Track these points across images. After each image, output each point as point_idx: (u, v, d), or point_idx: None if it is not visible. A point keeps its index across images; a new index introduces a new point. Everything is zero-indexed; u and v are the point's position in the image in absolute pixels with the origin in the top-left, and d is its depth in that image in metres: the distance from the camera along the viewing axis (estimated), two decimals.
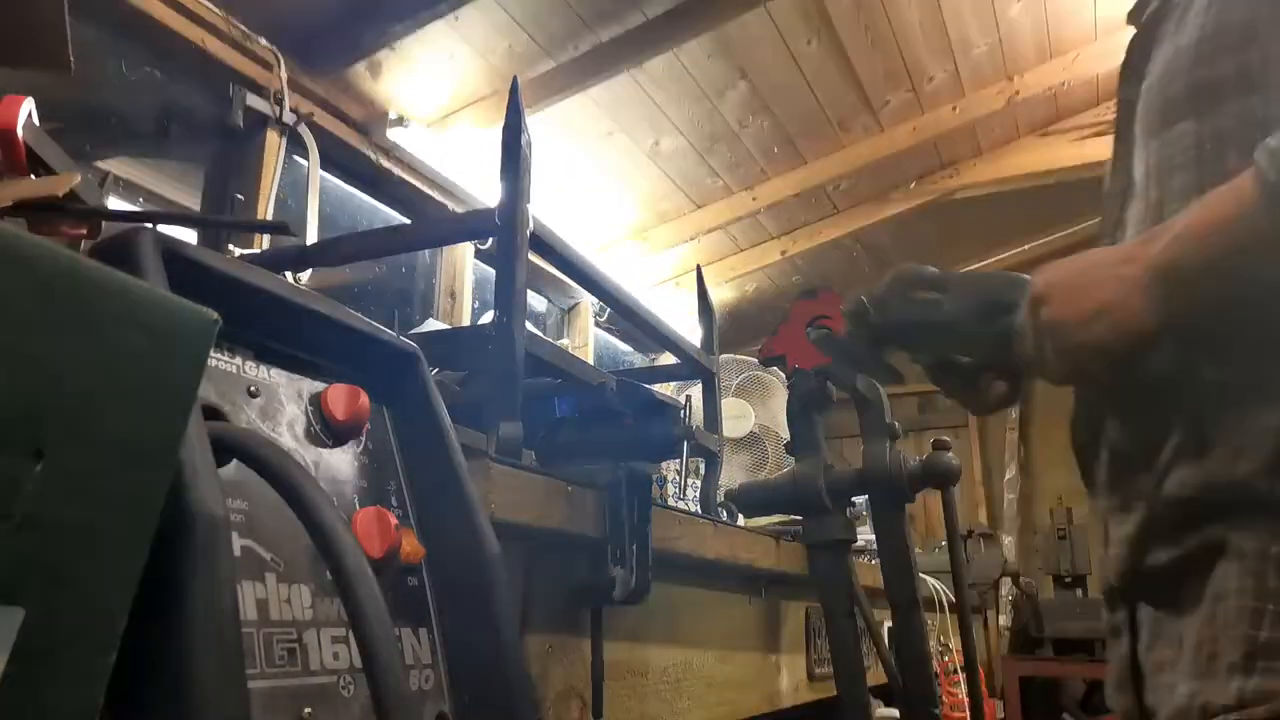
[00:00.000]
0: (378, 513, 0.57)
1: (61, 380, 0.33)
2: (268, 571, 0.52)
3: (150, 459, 0.37)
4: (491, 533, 0.67)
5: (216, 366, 0.55)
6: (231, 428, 0.51)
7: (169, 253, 0.51)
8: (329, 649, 0.54)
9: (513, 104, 1.08)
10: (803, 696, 1.65)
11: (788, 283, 4.36)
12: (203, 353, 0.39)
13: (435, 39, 2.60)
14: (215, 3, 2.24)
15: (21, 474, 0.31)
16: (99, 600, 0.35)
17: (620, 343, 4.17)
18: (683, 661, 1.29)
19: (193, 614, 0.41)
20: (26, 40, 0.85)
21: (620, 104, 3.07)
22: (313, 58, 2.52)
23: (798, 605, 1.70)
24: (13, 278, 0.31)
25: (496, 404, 0.95)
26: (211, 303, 0.39)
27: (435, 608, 0.64)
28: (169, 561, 0.41)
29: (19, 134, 0.66)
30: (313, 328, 0.62)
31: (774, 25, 2.93)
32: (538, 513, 0.92)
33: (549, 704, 0.98)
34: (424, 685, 0.61)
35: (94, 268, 0.35)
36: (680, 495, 1.96)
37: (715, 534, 1.30)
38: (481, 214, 1.22)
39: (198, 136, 2.38)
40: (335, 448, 0.61)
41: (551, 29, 2.72)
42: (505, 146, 1.07)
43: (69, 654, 0.34)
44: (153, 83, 2.22)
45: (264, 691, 0.49)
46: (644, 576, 1.02)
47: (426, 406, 0.68)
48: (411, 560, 0.62)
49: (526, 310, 1.04)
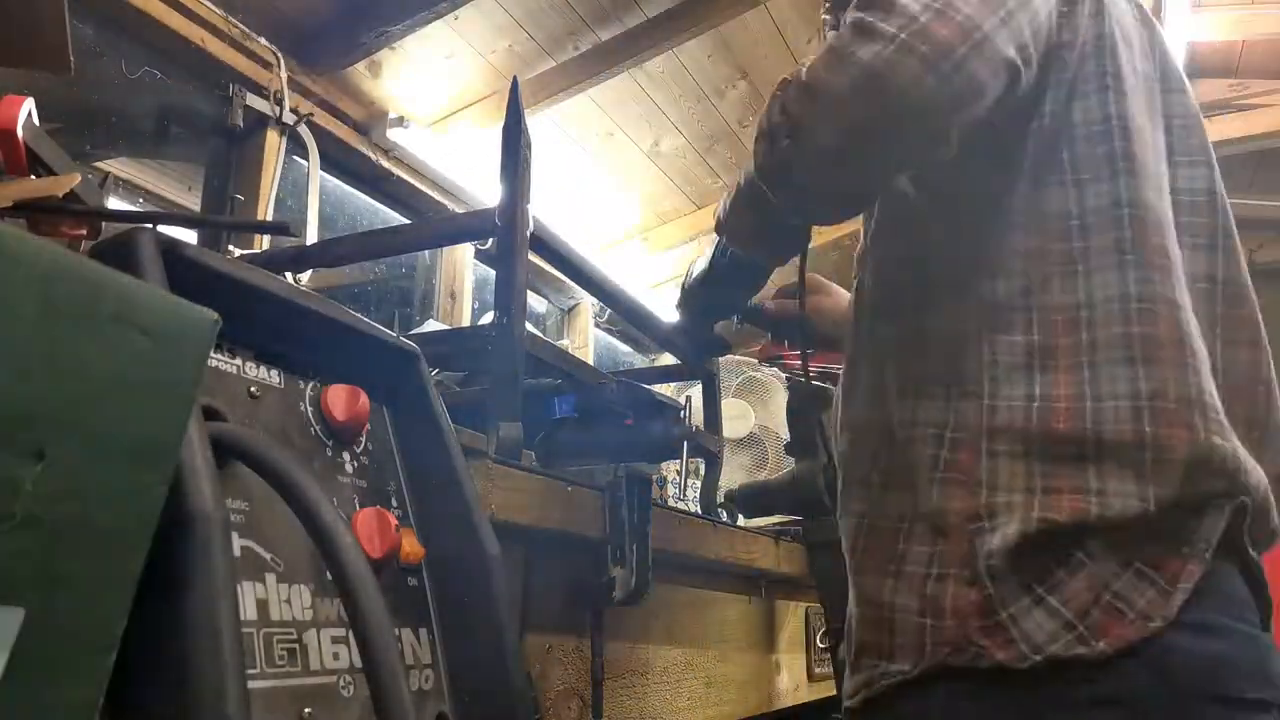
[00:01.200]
0: (378, 513, 0.57)
1: (61, 380, 0.33)
2: (268, 572, 0.52)
3: (150, 459, 0.37)
4: (491, 533, 0.67)
5: (217, 367, 0.55)
6: (232, 428, 0.51)
7: (169, 253, 0.51)
8: (329, 649, 0.54)
9: (513, 104, 1.08)
10: (803, 696, 1.65)
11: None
12: (203, 353, 0.39)
13: (435, 39, 2.60)
14: (215, 3, 2.24)
15: (21, 474, 0.31)
16: (99, 600, 0.35)
17: (620, 343, 4.17)
18: (683, 661, 1.29)
19: (193, 614, 0.41)
20: (26, 40, 0.85)
21: (620, 104, 3.07)
22: (313, 58, 2.52)
23: (798, 605, 1.70)
24: (13, 278, 0.31)
25: (496, 405, 0.95)
26: (211, 303, 0.39)
27: (435, 608, 0.64)
28: (169, 561, 0.41)
29: (19, 134, 0.66)
30: (313, 328, 0.62)
31: (774, 25, 2.93)
32: (538, 513, 0.92)
33: (549, 704, 0.98)
34: (424, 685, 0.61)
35: (94, 268, 0.35)
36: (680, 495, 1.96)
37: (715, 534, 1.30)
38: (481, 214, 1.22)
39: (198, 136, 2.38)
40: (335, 448, 0.61)
41: (551, 29, 2.72)
42: (505, 147, 1.07)
43: (69, 654, 0.34)
44: (153, 83, 2.22)
45: (264, 691, 0.49)
46: (644, 576, 1.02)
47: (426, 406, 0.68)
48: (411, 560, 0.62)
49: (527, 310, 1.04)
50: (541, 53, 2.77)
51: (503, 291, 1.03)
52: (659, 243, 3.81)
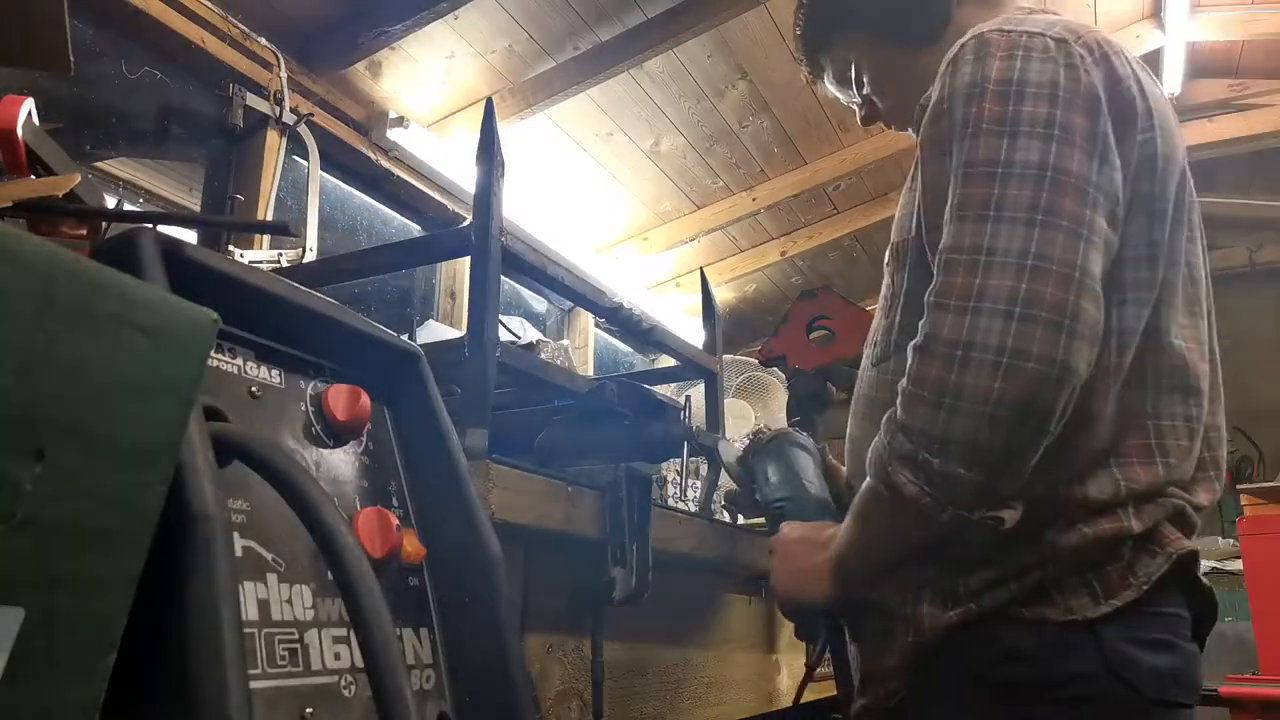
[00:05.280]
0: (379, 513, 0.57)
1: (61, 380, 0.33)
2: (269, 572, 0.51)
3: (150, 459, 0.37)
4: (492, 533, 0.67)
5: (217, 367, 0.54)
6: (232, 428, 0.51)
7: (169, 253, 0.51)
8: (330, 649, 0.54)
9: (487, 125, 1.08)
10: (803, 696, 1.65)
11: (787, 283, 4.36)
12: (203, 353, 0.39)
13: (435, 39, 2.60)
14: (215, 2, 2.24)
15: (21, 474, 0.31)
16: (99, 600, 0.35)
17: (620, 344, 4.17)
18: (683, 661, 1.29)
19: (194, 614, 0.41)
20: (26, 40, 0.85)
21: (620, 104, 3.07)
22: (313, 58, 2.52)
23: None
24: (13, 278, 0.31)
25: (466, 413, 0.96)
26: (211, 303, 0.39)
27: (436, 608, 0.64)
28: (170, 562, 0.41)
29: (19, 134, 0.66)
30: (313, 328, 0.61)
31: (774, 25, 2.93)
32: (538, 513, 0.92)
33: (549, 704, 0.98)
34: (425, 685, 0.61)
35: (94, 268, 0.35)
36: (680, 495, 1.96)
37: (715, 534, 1.30)
38: (458, 232, 1.23)
39: (198, 136, 2.38)
40: (336, 448, 0.61)
41: (551, 28, 2.72)
42: (479, 166, 1.07)
43: (69, 654, 0.34)
44: (152, 82, 2.22)
45: (266, 691, 0.49)
46: (644, 576, 1.02)
47: (427, 407, 0.68)
48: (412, 560, 0.62)
49: (498, 329, 1.05)
50: (541, 53, 2.77)
51: (476, 303, 1.04)
52: (658, 243, 3.81)
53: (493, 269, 1.05)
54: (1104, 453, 0.86)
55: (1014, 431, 0.77)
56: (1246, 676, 2.43)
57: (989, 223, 0.80)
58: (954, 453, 0.78)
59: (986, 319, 0.77)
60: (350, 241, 2.76)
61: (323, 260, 2.14)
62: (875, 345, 1.03)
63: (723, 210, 3.75)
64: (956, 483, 0.78)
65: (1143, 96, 0.90)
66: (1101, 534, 0.83)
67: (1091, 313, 0.78)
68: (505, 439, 1.06)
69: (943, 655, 0.87)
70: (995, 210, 0.80)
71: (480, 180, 1.07)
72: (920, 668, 0.88)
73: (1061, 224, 0.79)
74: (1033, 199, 0.79)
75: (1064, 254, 0.78)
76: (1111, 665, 0.81)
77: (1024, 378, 0.75)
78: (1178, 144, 0.94)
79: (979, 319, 0.77)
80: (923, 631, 0.87)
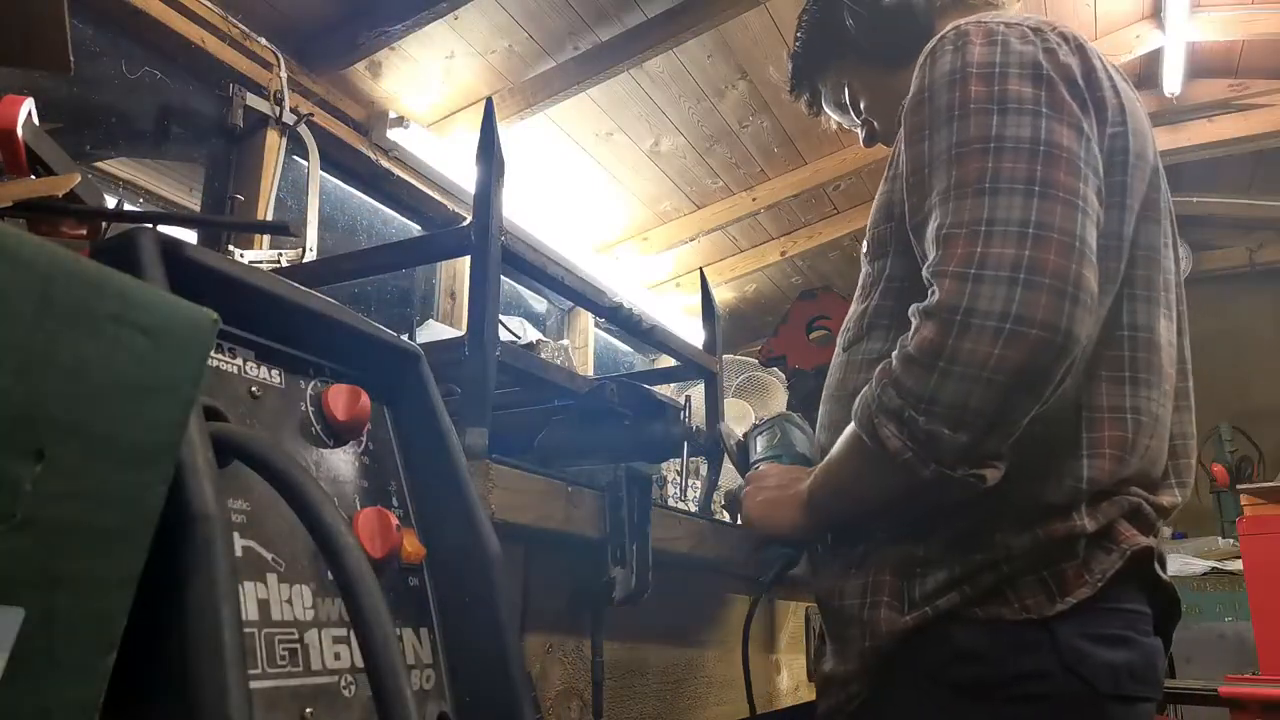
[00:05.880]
0: (379, 513, 0.57)
1: (61, 380, 0.33)
2: (269, 572, 0.51)
3: (150, 459, 0.37)
4: (492, 533, 0.67)
5: (217, 367, 0.54)
6: (232, 428, 0.51)
7: (169, 253, 0.51)
8: (330, 649, 0.54)
9: (487, 125, 1.08)
10: (803, 696, 1.65)
11: (787, 283, 4.36)
12: (203, 353, 0.39)
13: (435, 39, 2.60)
14: (215, 2, 2.24)
15: (21, 474, 0.31)
16: (99, 600, 0.35)
17: (620, 344, 4.17)
18: (683, 661, 1.29)
19: (194, 614, 0.41)
20: (26, 40, 0.84)
21: (620, 104, 3.07)
22: (313, 58, 2.52)
23: (798, 605, 1.70)
24: (13, 278, 0.31)
25: (466, 412, 0.96)
26: (211, 303, 0.39)
27: (436, 608, 0.64)
28: (170, 562, 0.41)
29: (19, 134, 0.66)
30: (313, 328, 0.61)
31: (774, 25, 2.93)
32: (538, 513, 0.92)
33: (549, 704, 0.98)
34: (425, 685, 0.61)
35: (94, 268, 0.35)
36: (680, 495, 1.95)
37: (715, 534, 1.30)
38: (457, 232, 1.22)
39: (198, 136, 2.38)
40: (336, 448, 0.61)
41: (551, 28, 2.72)
42: (479, 166, 1.07)
43: (69, 654, 0.34)
44: (152, 82, 2.22)
45: (265, 691, 0.49)
46: (644, 576, 1.02)
47: (427, 406, 0.68)
48: (412, 560, 0.62)
49: (498, 329, 1.05)
50: (541, 53, 2.77)
51: (476, 303, 1.04)
52: (658, 243, 3.81)
53: (493, 269, 1.05)
54: (1062, 444, 0.86)
55: (1009, 397, 0.76)
56: (1246, 676, 2.43)
57: (987, 195, 0.80)
58: (940, 414, 0.78)
59: (990, 285, 0.76)
60: (350, 241, 2.76)
61: (323, 260, 2.14)
62: (848, 330, 1.03)
63: (723, 210, 3.75)
64: (940, 441, 0.78)
65: (1114, 92, 0.91)
66: (1053, 534, 0.83)
67: (1092, 282, 0.78)
68: (505, 439, 1.06)
69: (900, 658, 0.87)
70: (992, 183, 0.80)
71: (480, 180, 1.08)
72: (879, 671, 0.89)
73: (1059, 195, 0.79)
74: (1029, 171, 0.80)
75: (1064, 223, 0.78)
76: (1066, 661, 0.81)
77: (1026, 343, 0.75)
78: (1149, 144, 0.94)
79: (981, 285, 0.77)
80: (880, 635, 0.88)
